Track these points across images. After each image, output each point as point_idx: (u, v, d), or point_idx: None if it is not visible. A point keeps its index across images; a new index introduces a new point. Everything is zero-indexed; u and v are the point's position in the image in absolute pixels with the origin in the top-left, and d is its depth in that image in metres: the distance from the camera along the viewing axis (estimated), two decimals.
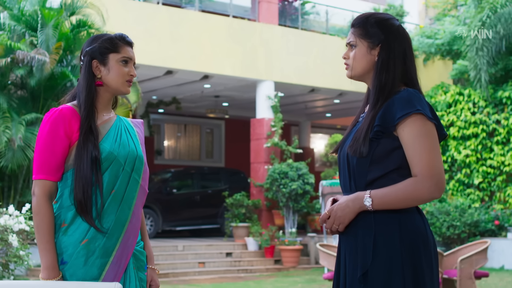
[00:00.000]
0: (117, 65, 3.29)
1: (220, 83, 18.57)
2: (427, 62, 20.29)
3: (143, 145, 3.42)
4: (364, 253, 2.92)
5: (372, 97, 3.04)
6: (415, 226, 2.93)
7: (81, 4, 13.92)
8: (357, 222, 2.97)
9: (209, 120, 25.62)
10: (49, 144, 3.15)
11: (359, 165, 2.97)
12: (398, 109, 2.91)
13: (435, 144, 2.91)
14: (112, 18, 14.47)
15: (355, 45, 3.11)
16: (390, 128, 2.92)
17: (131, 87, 11.78)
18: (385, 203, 2.89)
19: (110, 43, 3.31)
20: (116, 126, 3.32)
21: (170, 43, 16.29)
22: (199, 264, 15.87)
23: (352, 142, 3.00)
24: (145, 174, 3.33)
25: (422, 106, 2.90)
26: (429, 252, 2.94)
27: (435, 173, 2.87)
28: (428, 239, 2.95)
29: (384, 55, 3.04)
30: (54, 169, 3.16)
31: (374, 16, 3.11)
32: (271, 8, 18.26)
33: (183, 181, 20.30)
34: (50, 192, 3.17)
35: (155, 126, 24.31)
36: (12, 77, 13.41)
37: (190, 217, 19.60)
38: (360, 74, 3.12)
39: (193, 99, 21.81)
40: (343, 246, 3.05)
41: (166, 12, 16.51)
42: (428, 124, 2.91)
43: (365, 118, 3.03)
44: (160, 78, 17.81)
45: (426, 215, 16.90)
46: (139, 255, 3.33)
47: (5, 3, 13.52)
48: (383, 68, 3.03)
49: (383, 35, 3.06)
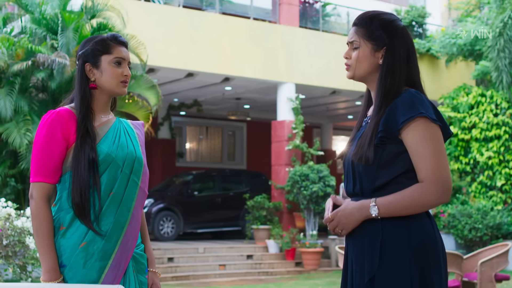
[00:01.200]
0: (110, 67, 3.26)
1: (241, 85, 18.56)
2: (449, 64, 20.15)
3: (143, 147, 3.40)
4: (371, 258, 2.87)
5: (377, 102, 2.98)
6: (424, 230, 2.87)
7: (101, 7, 13.97)
8: (364, 226, 2.91)
9: (231, 122, 25.62)
10: (46, 146, 3.13)
11: (366, 172, 2.92)
12: (401, 113, 2.85)
13: (440, 147, 2.86)
14: (133, 20, 14.52)
15: (358, 45, 3.05)
16: (394, 133, 2.87)
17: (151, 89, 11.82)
18: (392, 211, 2.83)
19: (101, 45, 3.28)
20: (115, 128, 3.30)
21: (191, 45, 16.29)
22: (220, 266, 15.87)
23: (357, 149, 2.95)
24: (144, 176, 3.30)
25: (425, 108, 2.84)
26: (437, 256, 2.89)
27: (441, 177, 2.81)
28: (437, 243, 2.89)
29: (389, 59, 2.98)
30: (51, 171, 3.13)
31: (379, 18, 3.04)
32: (292, 10, 18.22)
33: (204, 183, 20.28)
34: (48, 195, 3.14)
35: (176, 129, 24.34)
36: (33, 80, 13.49)
37: (211, 220, 19.59)
38: (362, 75, 3.06)
39: (215, 101, 21.82)
40: (350, 250, 3.00)
41: (187, 15, 16.53)
42: (432, 126, 2.85)
43: (369, 123, 2.97)
44: (181, 80, 17.83)
45: (448, 218, 16.82)
46: (139, 258, 3.30)
47: (27, 6, 13.61)
48: (389, 73, 2.97)
49: (388, 38, 3.00)
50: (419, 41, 19.93)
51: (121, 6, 14.17)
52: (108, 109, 3.36)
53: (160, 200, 18.52)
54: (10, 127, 12.44)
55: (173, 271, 15.02)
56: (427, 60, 20.07)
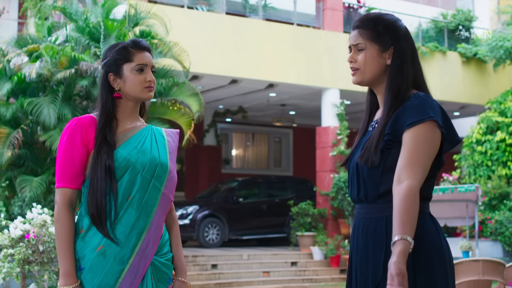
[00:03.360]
0: (132, 75, 3.26)
1: (285, 91, 18.51)
2: (497, 68, 19.82)
3: (173, 154, 3.36)
4: (375, 267, 2.80)
5: (387, 103, 2.91)
6: (428, 234, 2.78)
7: (144, 15, 14.05)
8: (367, 234, 2.86)
9: (277, 129, 25.58)
10: (67, 152, 3.18)
11: (370, 175, 2.85)
12: (409, 116, 2.78)
13: (431, 153, 2.78)
14: (176, 28, 14.57)
15: (364, 47, 2.99)
16: (399, 136, 2.80)
17: (193, 96, 11.84)
18: (409, 225, 2.64)
19: (122, 53, 3.28)
20: (141, 134, 3.29)
21: (234, 52, 16.31)
22: (264, 273, 15.81)
23: (363, 152, 2.88)
24: (169, 183, 3.27)
25: (434, 113, 2.78)
26: (443, 262, 2.79)
27: (413, 173, 2.70)
28: (442, 247, 2.80)
29: (397, 60, 2.93)
30: (73, 177, 3.18)
31: (383, 19, 3.01)
32: (336, 16, 18.12)
33: (249, 190, 20.25)
34: (70, 200, 3.18)
35: (222, 136, 24.38)
36: (76, 88, 13.62)
37: (256, 226, 19.54)
38: (371, 78, 3.00)
39: (260, 107, 21.81)
40: (355, 257, 2.95)
41: (230, 21, 16.55)
42: (437, 132, 2.78)
43: (378, 126, 2.90)
44: (225, 87, 17.86)
45: (495, 224, 16.50)
46: (161, 266, 3.25)
47: (71, 15, 13.77)
48: (398, 73, 2.92)
49: (394, 38, 2.95)
50: (465, 46, 19.65)
51: (164, 13, 14.26)
52: (135, 116, 3.36)
53: (205, 207, 18.54)
54: (53, 134, 12.57)
55: (216, 278, 15.02)
56: (474, 64, 19.77)
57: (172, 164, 3.32)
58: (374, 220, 2.86)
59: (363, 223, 2.92)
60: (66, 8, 13.88)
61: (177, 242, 3.40)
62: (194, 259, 15.54)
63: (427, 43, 19.41)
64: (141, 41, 3.32)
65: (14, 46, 14.24)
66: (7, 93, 13.26)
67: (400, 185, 2.70)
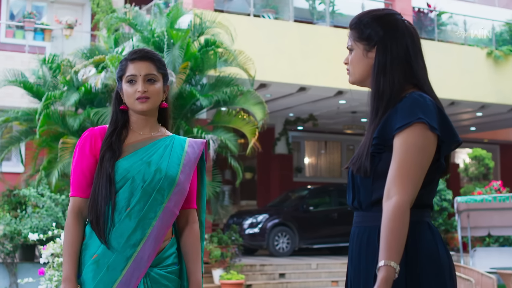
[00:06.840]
0: (125, 87, 3.27)
1: (355, 98, 18.26)
2: None
3: (190, 165, 3.29)
4: (366, 280, 2.66)
5: (371, 106, 2.75)
6: (423, 243, 2.62)
7: (209, 24, 14.09)
8: (361, 245, 2.74)
9: (350, 136, 25.30)
10: (78, 162, 3.23)
11: (363, 183, 2.72)
12: (398, 119, 2.61)
13: (422, 160, 2.59)
14: (241, 36, 14.57)
15: (352, 48, 2.86)
16: (389, 140, 2.63)
17: (258, 104, 11.73)
18: (394, 249, 2.49)
19: (120, 66, 3.33)
20: (154, 145, 3.26)
21: (302, 59, 16.20)
22: (332, 282, 15.60)
23: (356, 159, 2.74)
24: (175, 196, 3.20)
25: (425, 113, 2.59)
26: (441, 269, 2.62)
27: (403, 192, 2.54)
28: (439, 256, 2.63)
29: (380, 57, 2.76)
30: (83, 186, 3.22)
31: (370, 15, 2.84)
32: None
33: (320, 198, 20.02)
34: (79, 208, 3.21)
35: (294, 144, 24.24)
36: None
37: (327, 235, 19.27)
38: (359, 79, 2.86)
39: (330, 115, 21.61)
40: (349, 271, 2.81)
41: (297, 29, 16.45)
42: (427, 136, 2.59)
43: (367, 131, 2.76)
44: (294, 95, 17.75)
45: None
46: (160, 278, 3.17)
47: (136, 26, 13.91)
48: (380, 72, 2.75)
49: (379, 34, 2.77)
50: None
51: (229, 22, 14.27)
52: (150, 126, 3.32)
53: (275, 216, 18.41)
54: None
55: (284, 287, 14.90)
56: None
57: (185, 176, 3.25)
58: (368, 230, 2.74)
59: (357, 233, 2.82)
60: (132, 20, 14.03)
61: (193, 255, 3.31)
62: (262, 268, 15.46)
63: (501, 47, 18.88)
64: (136, 51, 3.30)
65: (82, 57, 14.47)
66: (75, 103, 13.50)
67: (388, 201, 2.55)
